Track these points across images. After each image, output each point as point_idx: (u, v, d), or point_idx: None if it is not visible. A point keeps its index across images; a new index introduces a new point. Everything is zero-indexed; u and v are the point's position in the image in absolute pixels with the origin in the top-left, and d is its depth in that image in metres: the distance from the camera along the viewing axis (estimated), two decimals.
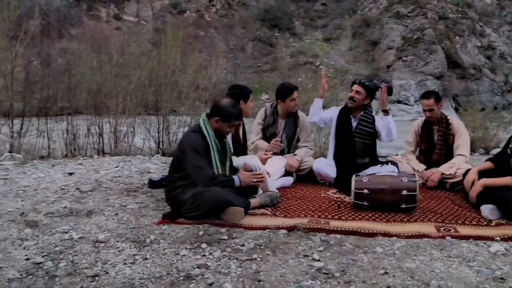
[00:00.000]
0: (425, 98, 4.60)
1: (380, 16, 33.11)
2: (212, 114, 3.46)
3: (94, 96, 8.67)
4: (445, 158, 4.46)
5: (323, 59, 31.05)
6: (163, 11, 38.37)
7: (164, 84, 8.80)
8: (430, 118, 4.59)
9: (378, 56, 30.37)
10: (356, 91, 4.39)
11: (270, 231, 3.07)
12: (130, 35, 27.86)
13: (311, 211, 3.47)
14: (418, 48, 28.73)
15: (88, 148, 7.94)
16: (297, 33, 36.08)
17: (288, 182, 4.37)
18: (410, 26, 30.72)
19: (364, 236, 2.95)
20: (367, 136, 4.40)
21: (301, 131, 4.70)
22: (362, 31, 33.16)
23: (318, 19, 38.39)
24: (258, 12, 37.44)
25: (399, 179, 3.43)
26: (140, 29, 34.31)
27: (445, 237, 2.90)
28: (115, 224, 3.24)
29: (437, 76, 27.82)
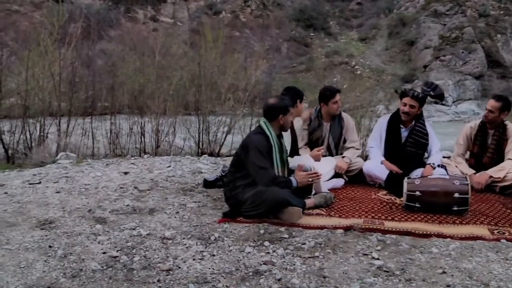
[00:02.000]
0: (494, 99, 4.61)
1: (416, 15, 32.62)
2: (272, 116, 3.63)
3: (137, 96, 9.01)
4: (495, 162, 4.48)
5: (359, 59, 30.82)
6: (199, 12, 38.88)
7: (204, 85, 9.05)
8: (486, 119, 4.60)
9: (415, 56, 29.93)
10: (410, 105, 4.41)
11: (328, 231, 3.20)
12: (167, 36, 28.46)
13: (364, 212, 3.59)
14: (457, 47, 28.17)
15: (130, 147, 8.28)
16: (332, 33, 35.91)
17: (339, 183, 4.48)
18: (448, 24, 30.15)
19: (418, 236, 3.05)
20: (419, 146, 4.46)
21: (347, 132, 4.82)
22: (398, 31, 32.73)
23: (353, 18, 38.10)
24: (293, 12, 37.46)
25: (451, 182, 3.51)
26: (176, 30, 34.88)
27: (499, 239, 2.97)
28: (178, 222, 3.44)
29: (476, 76, 27.21)
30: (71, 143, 7.83)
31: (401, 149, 4.47)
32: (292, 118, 3.75)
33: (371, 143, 4.69)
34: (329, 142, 4.76)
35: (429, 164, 4.32)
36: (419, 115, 4.52)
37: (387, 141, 4.54)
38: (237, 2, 38.75)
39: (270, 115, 3.65)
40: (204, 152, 8.31)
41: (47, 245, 2.89)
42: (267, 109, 3.70)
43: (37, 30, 8.97)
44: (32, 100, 7.84)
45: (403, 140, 4.49)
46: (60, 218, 3.48)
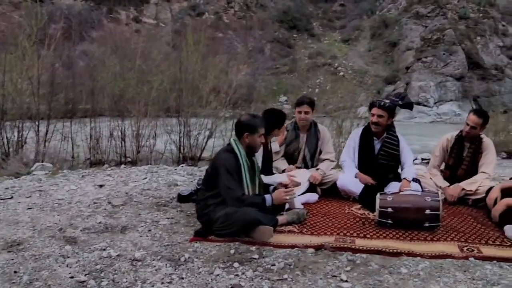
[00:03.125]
0: (475, 115, 4.58)
1: (399, 16, 33.01)
2: (239, 133, 3.62)
3: (117, 100, 8.93)
4: (469, 174, 4.53)
5: (342, 60, 31.08)
6: (182, 13, 38.75)
7: (185, 89, 9.01)
8: (468, 134, 4.60)
9: (397, 57, 30.27)
10: (378, 115, 4.44)
11: (299, 250, 3.19)
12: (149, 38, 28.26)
13: (336, 229, 3.59)
14: (438, 49, 28.58)
15: (111, 153, 8.20)
16: (315, 34, 36.13)
17: (313, 198, 4.48)
18: (429, 26, 30.56)
19: (389, 255, 3.05)
20: (391, 157, 4.49)
21: (323, 143, 4.83)
22: (380, 32, 33.08)
23: (337, 20, 38.39)
24: (276, 14, 37.58)
25: (423, 198, 3.53)
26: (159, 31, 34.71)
27: (468, 257, 2.99)
28: (149, 241, 3.40)
29: (457, 77, 27.63)
30: (50, 149, 7.74)
31: (374, 161, 4.49)
32: (262, 139, 3.71)
33: (344, 156, 4.70)
34: (305, 153, 4.77)
35: (404, 178, 4.34)
36: (390, 126, 4.53)
37: (361, 154, 4.56)
38: (220, 3, 38.72)
39: (237, 132, 3.64)
40: (186, 156, 8.28)
41: (12, 270, 2.83)
42: (235, 125, 3.69)
43: (15, 32, 8.82)
44: (11, 104, 7.70)
45: (376, 152, 4.51)
46: (29, 238, 3.42)
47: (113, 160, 8.20)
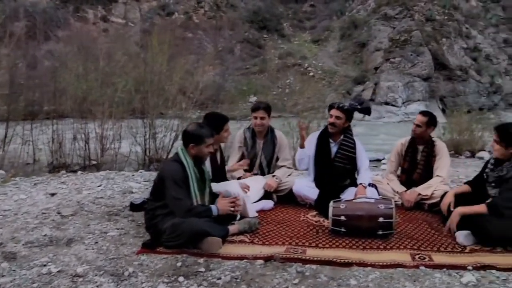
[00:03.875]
0: (421, 114, 4.69)
1: (368, 17, 33.27)
2: (185, 143, 3.51)
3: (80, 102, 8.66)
4: (424, 178, 4.52)
5: (312, 60, 31.13)
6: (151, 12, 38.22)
7: (150, 91, 8.82)
8: (414, 133, 4.63)
9: (366, 58, 30.51)
10: (336, 116, 4.39)
11: (248, 261, 3.10)
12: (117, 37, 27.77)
13: (289, 238, 3.51)
14: (406, 49, 28.91)
15: (75, 156, 7.94)
16: (285, 34, 36.11)
17: (268, 205, 4.39)
18: (397, 27, 30.91)
19: (339, 266, 2.98)
20: (348, 161, 4.43)
21: (280, 149, 4.74)
22: (350, 33, 33.27)
23: (307, 20, 38.47)
24: (246, 14, 37.42)
25: (376, 206, 3.48)
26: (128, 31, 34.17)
27: (419, 266, 2.95)
28: (94, 255, 3.25)
29: (424, 77, 28.02)
30: (10, 153, 7.45)
31: (331, 165, 4.43)
32: (210, 149, 3.60)
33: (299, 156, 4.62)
34: (261, 160, 4.68)
35: (360, 184, 4.30)
36: (347, 129, 4.48)
37: (317, 157, 4.49)
38: (190, 3, 38.34)
39: (184, 142, 3.53)
40: (152, 159, 8.09)
41: None
42: (182, 135, 3.58)
43: None
44: None
45: (332, 155, 4.46)
46: None
47: (77, 164, 7.95)
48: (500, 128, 3.47)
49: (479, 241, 3.34)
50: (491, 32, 32.08)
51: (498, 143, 3.43)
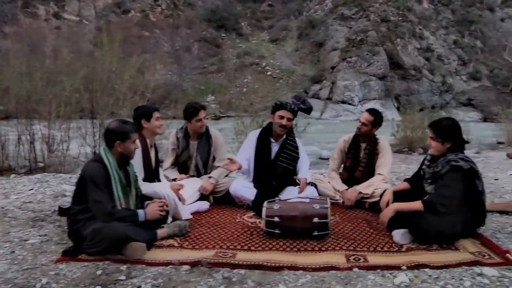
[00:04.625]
0: (368, 112, 4.53)
1: (325, 17, 33.61)
2: (110, 142, 3.25)
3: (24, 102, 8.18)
4: (366, 176, 4.43)
5: (269, 60, 31.14)
6: (107, 10, 37.31)
7: (100, 90, 8.45)
8: (359, 131, 4.52)
9: (323, 57, 30.80)
10: (288, 118, 4.25)
11: (173, 267, 2.88)
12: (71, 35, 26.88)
13: (220, 241, 3.30)
14: (362, 49, 29.35)
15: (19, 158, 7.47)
16: (243, 34, 36.02)
17: (203, 207, 4.18)
18: (354, 28, 31.34)
19: (270, 270, 2.80)
20: (291, 160, 4.30)
21: (216, 149, 4.54)
22: (307, 32, 33.53)
23: (265, 20, 38.51)
24: (204, 13, 37.08)
25: (311, 206, 3.32)
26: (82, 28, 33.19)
27: (352, 268, 2.80)
28: (6, 266, 2.94)
29: (380, 76, 28.51)
30: None
31: (272, 164, 4.27)
32: (136, 145, 3.36)
33: (238, 158, 4.43)
34: (197, 161, 4.46)
35: (303, 178, 4.16)
36: (290, 129, 4.35)
37: (257, 156, 4.32)
38: (146, 1, 37.61)
39: (108, 141, 3.27)
40: None
41: None
42: (104, 134, 3.32)
43: None
44: None
45: (273, 155, 4.30)
46: None
47: (24, 166, 7.49)
48: (434, 125, 3.39)
49: (416, 239, 3.23)
50: (442, 33, 33.02)
51: (435, 139, 3.35)
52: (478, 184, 3.25)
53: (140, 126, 3.95)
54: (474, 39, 33.62)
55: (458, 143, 3.33)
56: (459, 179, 3.18)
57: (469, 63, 31.74)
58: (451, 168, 3.20)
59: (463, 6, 35.76)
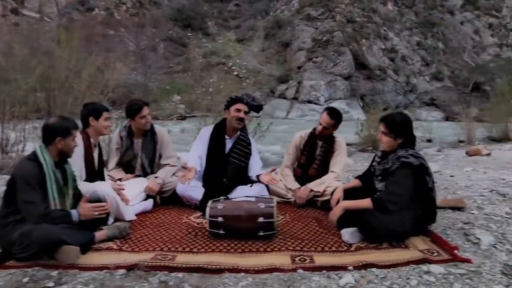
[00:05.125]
0: (329, 115, 4.37)
1: (291, 18, 33.70)
2: (49, 139, 3.04)
3: None
4: (320, 174, 4.32)
5: (236, 59, 30.99)
6: (69, 7, 36.42)
7: (58, 88, 8.14)
8: (320, 133, 4.41)
9: (290, 57, 30.85)
10: (245, 111, 4.14)
11: (108, 272, 2.69)
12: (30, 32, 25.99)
13: (162, 243, 3.13)
14: (328, 49, 29.54)
15: None
16: (210, 33, 35.77)
17: (149, 206, 3.99)
18: (320, 28, 31.51)
19: (209, 273, 2.65)
20: (244, 157, 4.17)
21: (161, 147, 4.36)
22: (274, 33, 33.55)
23: (231, 19, 38.36)
24: (170, 12, 36.66)
25: (256, 205, 3.17)
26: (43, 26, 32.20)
27: (296, 269, 2.68)
28: None
29: (345, 76, 28.75)
30: None
31: (225, 161, 4.13)
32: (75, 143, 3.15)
33: (190, 157, 4.25)
34: (142, 160, 4.26)
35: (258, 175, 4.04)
36: (243, 126, 4.24)
37: (210, 152, 4.16)
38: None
39: (46, 137, 3.04)
40: None
41: None
42: (42, 130, 3.09)
43: None
44: None
45: (227, 151, 4.17)
46: None
47: None
48: (387, 119, 3.30)
49: (366, 238, 3.13)
50: (406, 35, 33.60)
51: (387, 134, 3.26)
52: (428, 180, 3.18)
53: (87, 123, 3.74)
54: (436, 40, 34.35)
55: (409, 139, 3.25)
56: (409, 176, 3.10)
57: (431, 64, 32.38)
58: (401, 164, 3.12)
59: (425, 8, 36.49)
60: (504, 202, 4.38)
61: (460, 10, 37.69)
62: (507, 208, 4.09)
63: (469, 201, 4.34)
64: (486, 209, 4.08)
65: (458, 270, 2.70)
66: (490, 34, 36.77)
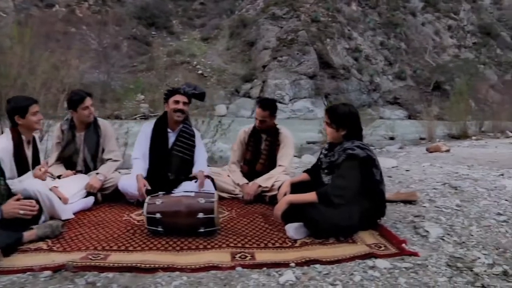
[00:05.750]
0: (260, 108, 4.23)
1: (256, 17, 33.66)
2: None
3: None
4: (268, 169, 4.18)
5: (201, 58, 30.69)
6: (27, 3, 35.26)
7: (9, 85, 7.76)
8: (259, 128, 4.29)
9: (255, 56, 30.79)
10: (184, 102, 3.98)
11: (31, 274, 2.47)
12: None
13: (96, 242, 2.92)
14: (292, 49, 29.63)
15: None
16: (174, 32, 35.36)
17: (89, 203, 3.77)
18: (284, 27, 31.59)
19: (143, 272, 2.47)
20: (187, 150, 4.01)
21: (104, 140, 4.14)
22: (239, 31, 33.43)
23: (197, 18, 38.04)
24: (134, 10, 36.06)
25: (196, 200, 3.00)
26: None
27: (235, 267, 2.53)
28: None
29: (310, 75, 28.88)
30: None
31: (168, 155, 3.96)
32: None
33: (135, 153, 4.06)
34: (85, 155, 4.03)
35: (200, 171, 3.86)
36: (186, 118, 4.08)
37: (153, 147, 3.99)
38: None
39: None
40: None
41: None
42: None
43: None
44: None
45: (170, 145, 3.99)
46: None
47: None
48: (330, 110, 3.19)
49: (312, 233, 3.01)
50: (369, 35, 34.07)
51: (329, 125, 3.15)
52: (376, 172, 3.09)
53: (14, 122, 3.45)
54: (399, 41, 34.97)
55: (354, 131, 3.15)
56: (356, 168, 3.00)
57: (394, 64, 32.94)
58: (347, 156, 3.01)
59: (388, 9, 37.11)
60: (456, 194, 4.37)
61: (421, 12, 38.53)
62: (457, 201, 4.07)
63: (421, 194, 4.31)
64: (438, 202, 4.05)
65: (404, 264, 2.62)
66: (450, 36, 37.76)
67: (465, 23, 39.05)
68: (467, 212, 3.71)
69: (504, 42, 38.59)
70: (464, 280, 2.40)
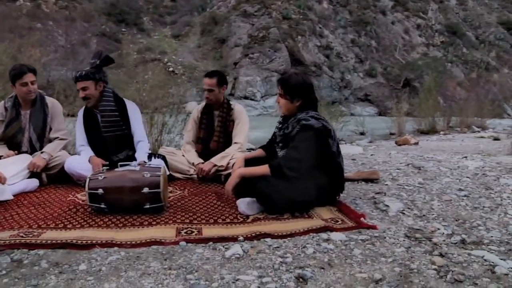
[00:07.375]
0: (207, 77, 4.13)
1: (228, 14, 33.43)
2: None
3: None
4: (223, 147, 4.01)
5: (172, 56, 30.24)
6: None
7: None
8: (209, 100, 4.14)
9: (226, 53, 30.56)
10: (83, 88, 3.68)
11: None
12: None
13: (33, 221, 2.71)
14: (264, 46, 29.52)
15: None
16: (145, 29, 34.82)
17: (32, 185, 3.54)
18: (256, 24, 31.45)
19: (77, 248, 2.27)
20: (115, 126, 3.76)
21: (52, 119, 3.91)
22: (210, 29, 33.12)
23: (167, 15, 37.56)
24: (103, 6, 35.33)
25: (140, 174, 2.81)
26: None
27: (179, 242, 2.35)
28: None
29: (281, 72, 28.72)
30: None
31: (101, 135, 3.76)
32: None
33: (79, 141, 3.86)
34: (30, 134, 3.79)
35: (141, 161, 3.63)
36: (103, 93, 3.80)
37: (87, 132, 3.81)
38: None
39: None
40: None
41: None
42: None
43: None
44: None
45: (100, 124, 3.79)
46: None
47: None
48: (283, 81, 3.05)
49: (266, 209, 2.86)
50: (340, 32, 34.25)
51: (283, 96, 3.01)
52: (332, 144, 2.94)
53: None
54: (369, 39, 35.26)
55: (309, 101, 3.01)
56: (310, 139, 2.85)
57: (365, 61, 33.19)
58: (301, 127, 2.87)
59: (359, 8, 37.38)
60: (419, 173, 4.30)
61: (391, 11, 38.96)
62: (420, 179, 4.00)
63: (384, 174, 4.22)
64: (400, 180, 3.97)
65: (361, 236, 2.51)
66: (418, 34, 38.30)
67: (433, 22, 39.70)
68: (429, 188, 3.64)
69: (469, 42, 39.40)
70: (422, 250, 2.30)
